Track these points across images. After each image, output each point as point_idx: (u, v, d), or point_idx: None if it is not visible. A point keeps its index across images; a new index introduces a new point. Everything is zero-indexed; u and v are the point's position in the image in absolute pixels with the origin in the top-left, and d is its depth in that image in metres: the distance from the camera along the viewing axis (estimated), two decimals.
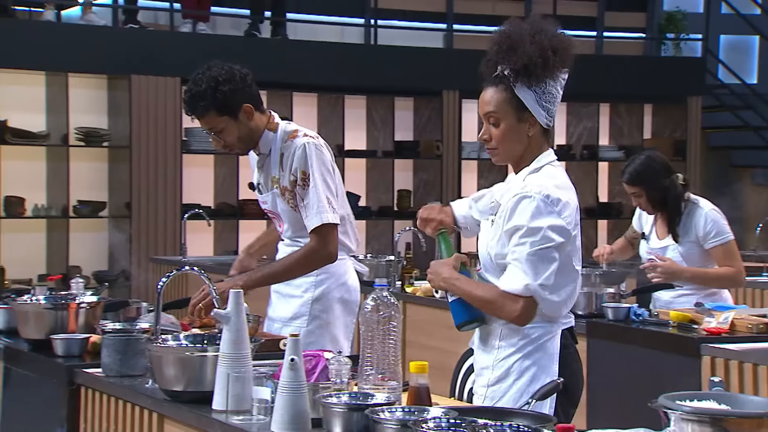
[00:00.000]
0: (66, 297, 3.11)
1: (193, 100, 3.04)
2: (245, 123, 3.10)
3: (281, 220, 3.23)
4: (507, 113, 2.36)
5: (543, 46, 2.35)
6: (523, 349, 2.35)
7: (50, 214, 7.11)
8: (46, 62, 7.00)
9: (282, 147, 3.13)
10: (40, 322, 2.92)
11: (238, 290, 2.17)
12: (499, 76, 2.36)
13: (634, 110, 9.10)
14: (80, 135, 7.18)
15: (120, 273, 7.34)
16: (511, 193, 2.35)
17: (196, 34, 7.72)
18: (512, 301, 2.28)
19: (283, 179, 3.14)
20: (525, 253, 2.26)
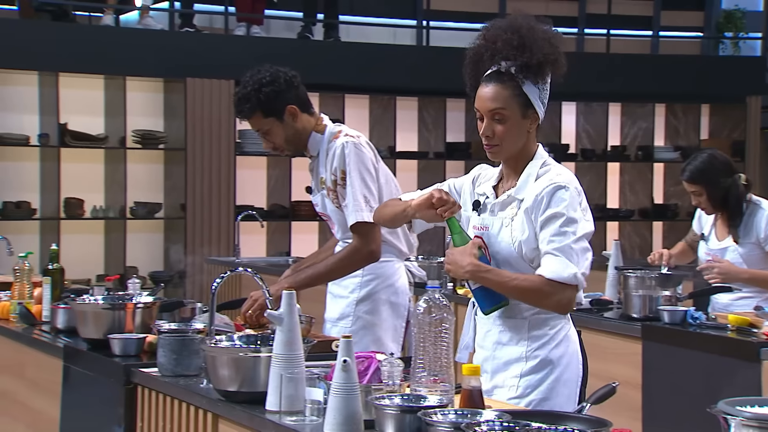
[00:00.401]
0: (123, 297, 3.16)
1: (240, 102, 3.12)
2: (291, 124, 3.14)
3: (332, 221, 3.25)
4: (513, 110, 2.37)
5: (553, 42, 2.37)
6: (554, 339, 2.38)
7: (108, 215, 7.23)
8: (104, 66, 7.12)
9: (327, 148, 3.17)
10: (98, 321, 2.97)
11: (292, 291, 2.17)
12: (506, 73, 2.36)
13: (691, 110, 8.95)
14: (137, 137, 7.29)
15: (175, 274, 7.44)
16: (537, 186, 2.35)
17: (250, 37, 7.79)
18: (560, 289, 2.30)
19: (327, 180, 3.17)
20: (569, 242, 2.29)
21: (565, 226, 2.30)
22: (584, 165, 8.81)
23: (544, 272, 2.29)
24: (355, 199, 3.07)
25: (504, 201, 2.41)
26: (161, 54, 7.30)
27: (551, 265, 2.29)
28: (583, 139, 8.86)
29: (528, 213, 2.35)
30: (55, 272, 3.50)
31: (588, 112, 8.85)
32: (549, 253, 2.30)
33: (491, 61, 2.38)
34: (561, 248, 2.29)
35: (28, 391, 3.49)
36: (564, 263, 2.29)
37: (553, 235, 2.29)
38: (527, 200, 2.36)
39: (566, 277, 2.29)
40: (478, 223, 2.45)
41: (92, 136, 7.17)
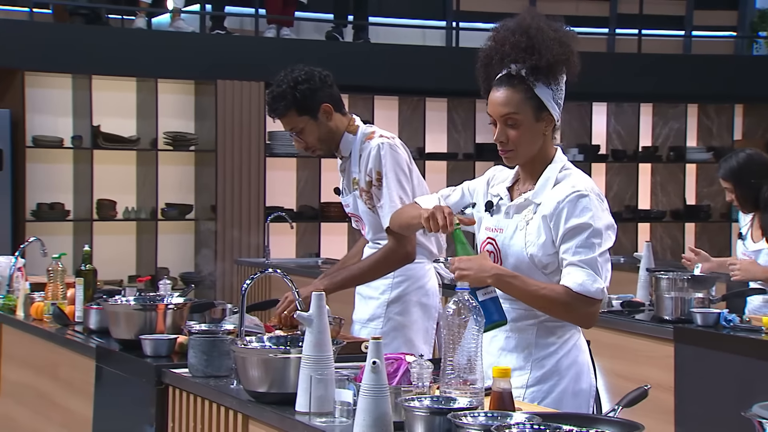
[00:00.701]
0: (154, 298, 3.18)
1: (274, 101, 3.12)
2: (324, 123, 3.14)
3: (363, 222, 3.25)
4: (526, 113, 2.31)
5: (563, 42, 2.31)
6: (563, 347, 2.33)
7: (140, 216, 7.28)
8: (136, 68, 7.18)
9: (360, 149, 3.16)
10: (130, 322, 2.99)
11: (321, 293, 2.18)
12: (516, 76, 2.30)
13: (724, 111, 8.86)
14: (168, 139, 7.34)
15: (206, 275, 7.48)
16: (557, 192, 2.29)
17: (280, 39, 7.82)
18: (587, 304, 2.25)
19: (361, 180, 3.17)
20: (595, 255, 2.24)
21: (592, 238, 2.25)
22: (615, 166, 8.74)
23: (570, 284, 2.24)
24: (391, 200, 3.07)
25: (520, 204, 2.36)
26: (192, 56, 7.34)
27: (578, 277, 2.24)
28: (614, 140, 8.79)
29: (546, 220, 2.29)
30: (88, 273, 3.53)
31: (619, 113, 8.78)
32: (575, 265, 2.25)
33: (501, 64, 2.33)
34: (588, 261, 2.24)
35: (62, 390, 3.52)
36: (591, 277, 2.24)
37: (579, 246, 2.24)
38: (546, 206, 2.30)
39: (593, 291, 2.24)
40: (492, 225, 2.39)
41: (124, 138, 7.23)
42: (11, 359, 4.02)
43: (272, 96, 3.12)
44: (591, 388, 2.36)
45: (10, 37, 6.87)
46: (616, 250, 9.82)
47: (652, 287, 4.07)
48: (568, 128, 8.72)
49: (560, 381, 2.31)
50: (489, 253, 2.39)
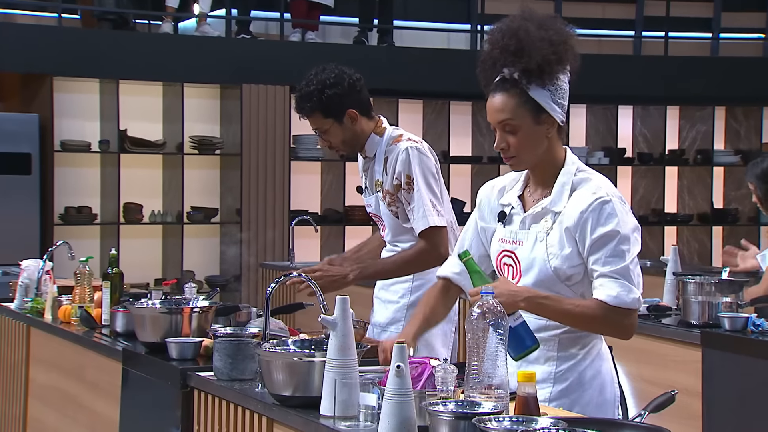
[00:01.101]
0: (180, 302, 3.19)
1: (301, 100, 3.15)
2: (349, 127, 3.16)
3: (383, 224, 3.27)
4: (524, 118, 2.25)
5: (553, 41, 2.23)
6: (586, 358, 2.28)
7: (166, 220, 7.33)
8: (163, 73, 7.23)
9: (386, 151, 3.18)
10: (156, 325, 3.00)
11: (345, 297, 2.18)
12: (509, 80, 2.24)
13: (752, 113, 8.77)
14: (194, 143, 7.38)
15: (231, 278, 7.51)
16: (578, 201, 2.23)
17: (305, 43, 7.84)
18: (624, 315, 2.19)
19: (386, 183, 3.18)
20: (627, 264, 2.19)
21: (620, 245, 2.19)
22: (641, 169, 8.68)
23: (604, 297, 2.18)
24: (424, 204, 3.10)
25: (537, 213, 2.29)
26: (218, 60, 7.38)
27: (611, 289, 2.18)
28: (640, 143, 8.74)
29: (570, 231, 2.22)
30: (115, 276, 3.56)
31: (645, 116, 8.72)
32: (607, 276, 2.18)
33: (493, 69, 2.27)
34: (620, 270, 2.19)
35: (89, 393, 3.55)
36: (626, 287, 2.19)
37: (609, 256, 2.18)
38: (567, 216, 2.23)
39: (630, 302, 2.19)
40: (507, 237, 2.32)
41: (151, 142, 7.28)
42: (39, 362, 4.06)
43: (300, 94, 3.14)
44: (615, 398, 2.33)
45: (39, 42, 6.95)
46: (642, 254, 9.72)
47: (679, 291, 4.03)
48: (593, 131, 8.67)
49: (584, 393, 2.27)
50: (507, 266, 2.33)
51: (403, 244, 3.21)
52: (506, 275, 2.35)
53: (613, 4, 9.17)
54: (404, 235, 3.20)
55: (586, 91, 8.30)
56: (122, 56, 7.11)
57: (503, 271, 2.37)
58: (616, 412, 2.32)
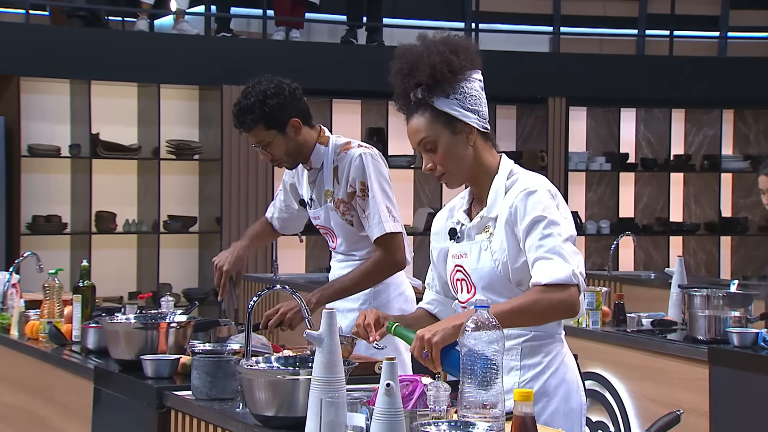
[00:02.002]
0: (156, 316, 3.19)
1: (241, 114, 3.23)
2: (292, 137, 3.26)
3: (334, 235, 3.38)
4: (439, 132, 2.36)
5: (441, 50, 2.35)
6: (550, 366, 2.35)
7: (141, 229, 7.32)
8: (137, 73, 7.23)
9: (335, 160, 3.29)
10: (130, 342, 3.00)
11: (332, 311, 2.18)
12: (416, 101, 2.36)
13: (762, 117, 8.83)
14: (171, 148, 7.38)
15: (210, 291, 7.50)
16: (508, 198, 2.34)
17: (289, 42, 7.85)
18: (560, 290, 2.24)
19: (338, 192, 3.29)
20: (557, 244, 2.26)
21: (548, 228, 2.28)
22: (645, 176, 8.72)
23: (539, 278, 2.25)
24: (380, 210, 3.22)
25: (479, 224, 2.40)
26: (196, 60, 7.39)
27: (545, 269, 2.25)
28: (643, 148, 8.78)
29: (507, 226, 2.33)
30: (86, 290, 3.55)
31: (649, 119, 8.77)
32: (539, 258, 2.27)
33: (405, 98, 2.39)
34: (551, 249, 2.26)
35: (58, 414, 3.54)
36: (558, 263, 2.25)
37: (539, 239, 2.27)
38: (502, 215, 2.34)
39: (564, 277, 2.24)
40: (457, 251, 2.44)
41: (125, 146, 7.28)
42: (5, 381, 4.04)
43: (239, 108, 3.23)
44: (581, 406, 2.38)
45: (5, 40, 6.94)
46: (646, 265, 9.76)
47: (685, 305, 4.05)
48: (594, 135, 8.71)
49: (549, 402, 2.32)
50: (460, 282, 2.43)
51: (359, 252, 3.33)
52: (460, 291, 2.45)
53: (615, 1, 9.22)
54: (359, 243, 3.33)
55: (586, 93, 8.36)
56: (94, 55, 7.11)
57: (457, 288, 2.46)
58: (582, 420, 2.37)
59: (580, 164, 8.45)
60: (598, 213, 8.62)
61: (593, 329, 4.32)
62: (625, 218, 8.53)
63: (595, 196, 8.68)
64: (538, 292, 2.26)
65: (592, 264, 8.57)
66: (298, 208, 3.54)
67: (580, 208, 8.66)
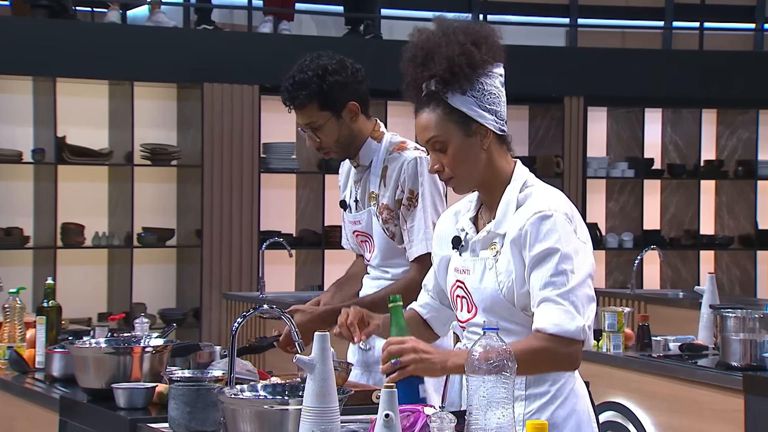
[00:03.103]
0: (129, 340, 3.19)
1: (296, 87, 3.12)
2: (347, 123, 3.17)
3: (372, 244, 3.27)
4: (451, 132, 2.34)
5: (460, 41, 2.33)
6: (558, 396, 2.34)
7: (112, 243, 7.33)
8: (108, 70, 7.25)
9: (386, 159, 3.19)
10: (100, 368, 3.00)
11: (325, 333, 2.18)
12: (428, 94, 2.35)
13: None
14: (146, 152, 7.40)
15: (189, 311, 7.51)
16: (519, 216, 2.31)
17: (278, 35, 7.88)
18: (567, 345, 2.25)
19: (383, 196, 3.19)
20: (570, 287, 2.25)
21: (562, 264, 2.25)
22: (672, 183, 8.74)
23: (545, 325, 2.24)
24: (426, 226, 3.11)
25: (485, 238, 2.38)
26: (174, 55, 7.41)
27: (553, 316, 2.24)
28: (670, 153, 8.80)
29: (515, 248, 2.31)
30: (51, 311, 3.55)
31: (677, 121, 8.79)
32: (548, 300, 2.25)
33: (417, 90, 2.38)
34: (563, 294, 2.24)
35: None
36: (569, 314, 2.24)
37: (549, 275, 2.25)
38: (510, 234, 2.32)
39: (573, 331, 2.24)
40: (460, 265, 2.43)
41: (94, 151, 7.29)
42: None
43: (294, 81, 3.13)
44: None
45: None
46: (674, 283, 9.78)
47: (717, 328, 4.06)
48: (615, 139, 8.73)
49: None
50: (460, 299, 2.43)
51: (393, 270, 3.22)
52: (460, 309, 2.44)
53: None
54: (396, 259, 3.22)
55: (606, 91, 8.39)
56: (60, 50, 7.13)
57: (457, 304, 2.46)
58: None
59: (600, 171, 8.47)
60: (620, 225, 8.64)
61: (615, 354, 4.32)
62: (650, 231, 8.54)
63: (617, 206, 8.70)
64: (542, 341, 2.25)
65: (613, 281, 8.58)
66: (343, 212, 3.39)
67: (600, 219, 8.67)
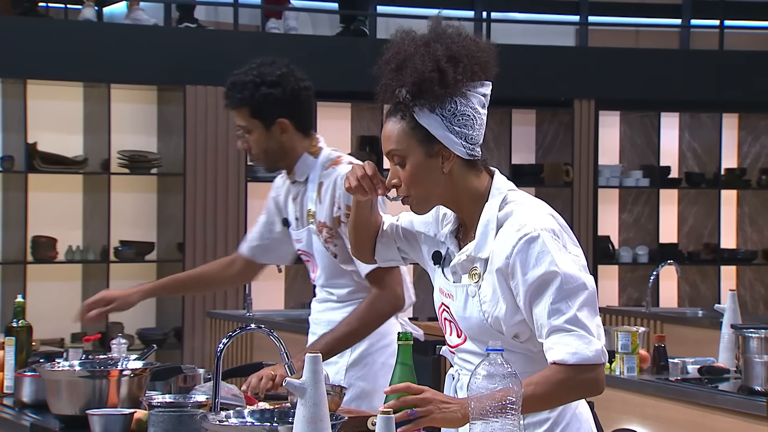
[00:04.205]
0: (105, 362, 3.19)
1: (233, 88, 3.29)
2: (276, 137, 3.31)
3: (315, 264, 3.40)
4: (412, 148, 2.33)
5: (437, 56, 2.30)
6: (559, 422, 2.35)
7: (87, 257, 7.32)
8: (83, 71, 7.25)
9: (321, 175, 3.32)
10: (74, 393, 2.99)
11: (317, 355, 2.19)
12: (398, 103, 2.34)
13: None
14: (124, 160, 7.39)
15: (170, 331, 7.50)
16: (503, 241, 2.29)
17: (265, 33, 7.89)
18: (588, 371, 2.25)
19: (320, 214, 3.31)
20: (576, 310, 2.25)
21: (564, 286, 2.25)
22: (690, 193, 8.75)
23: (563, 357, 2.23)
24: None
25: (464, 262, 2.36)
26: (154, 55, 7.42)
27: (568, 345, 2.23)
28: (688, 160, 8.81)
29: (500, 276, 2.30)
30: (21, 331, 3.54)
31: (695, 126, 8.80)
32: (558, 330, 2.24)
33: (386, 90, 2.36)
34: (570, 320, 2.24)
35: None
36: (583, 339, 2.24)
37: (552, 303, 2.24)
38: (496, 262, 2.30)
39: (593, 356, 2.24)
40: (444, 287, 2.43)
41: (68, 158, 7.29)
42: None
43: (234, 81, 3.29)
44: None
45: None
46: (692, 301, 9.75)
47: (739, 349, 4.06)
48: (629, 145, 8.75)
49: None
50: (448, 322, 2.43)
51: (338, 291, 3.35)
52: (449, 334, 2.44)
53: None
54: (340, 279, 3.35)
55: (619, 94, 8.40)
56: (31, 50, 7.13)
57: (445, 327, 2.46)
58: None
59: (613, 179, 8.47)
60: (635, 238, 8.65)
61: (629, 377, 4.32)
62: (667, 244, 8.55)
63: (631, 218, 8.70)
64: (563, 373, 2.24)
65: (627, 299, 8.58)
66: (281, 229, 3.54)
67: (613, 232, 8.68)
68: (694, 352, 4.71)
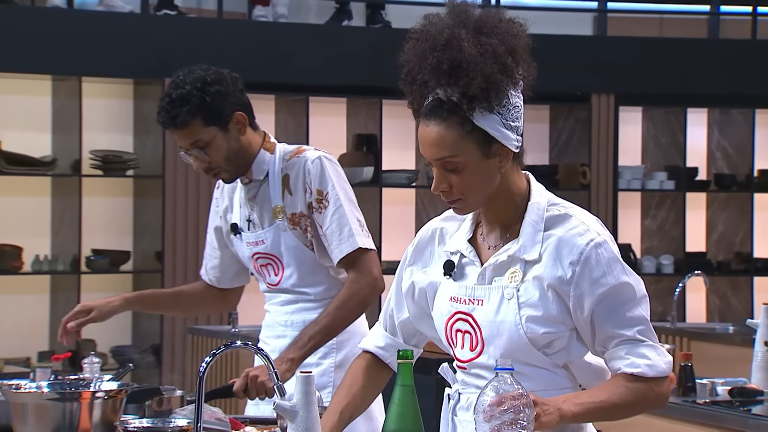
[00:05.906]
0: (77, 383, 3.19)
1: (175, 105, 3.27)
2: (236, 137, 3.35)
3: (279, 266, 3.45)
4: (470, 153, 2.33)
5: (498, 52, 2.31)
6: None
7: (56, 268, 7.31)
8: (52, 63, 7.26)
9: (285, 168, 3.39)
10: (42, 418, 2.99)
11: (309, 375, 2.19)
12: (447, 104, 2.31)
13: None
14: (96, 161, 7.39)
15: (148, 349, 7.49)
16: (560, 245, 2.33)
17: (252, 22, 7.89)
18: (660, 384, 2.35)
19: (293, 205, 3.38)
20: (646, 323, 2.36)
21: (633, 297, 2.36)
22: (720, 197, 8.75)
23: (642, 370, 2.31)
24: (350, 221, 3.33)
25: (502, 263, 2.37)
26: (130, 46, 7.42)
27: (646, 357, 2.33)
28: (717, 161, 8.81)
29: (555, 288, 2.32)
30: None
31: (725, 123, 8.81)
32: (632, 341, 2.33)
33: (424, 88, 2.34)
34: (643, 331, 2.35)
35: None
36: (658, 350, 2.35)
37: (627, 313, 2.33)
38: (548, 267, 2.32)
39: (666, 368, 2.35)
40: (462, 294, 2.40)
41: (35, 159, 7.29)
42: None
43: (171, 99, 3.28)
44: None
45: None
46: (723, 315, 9.75)
47: None
48: (652, 144, 8.75)
49: None
50: (462, 333, 2.41)
51: (313, 289, 3.41)
52: (460, 346, 2.41)
53: None
54: (316, 276, 3.41)
55: (642, 88, 8.41)
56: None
57: (455, 341, 2.43)
58: None
59: (634, 182, 8.48)
60: (659, 246, 8.65)
61: None
62: (694, 253, 8.55)
63: (654, 224, 8.71)
64: (644, 384, 2.32)
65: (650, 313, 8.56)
66: (234, 237, 3.54)
67: (634, 239, 8.68)
68: (725, 371, 4.71)
